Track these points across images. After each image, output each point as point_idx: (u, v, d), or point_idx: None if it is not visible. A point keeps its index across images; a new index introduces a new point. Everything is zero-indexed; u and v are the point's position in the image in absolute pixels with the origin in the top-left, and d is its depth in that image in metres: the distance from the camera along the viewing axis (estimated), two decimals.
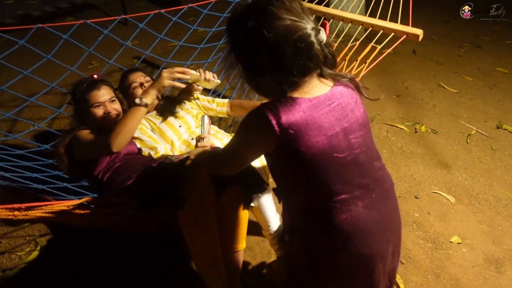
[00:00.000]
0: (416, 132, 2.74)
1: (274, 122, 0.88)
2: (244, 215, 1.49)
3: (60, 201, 1.21)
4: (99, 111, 1.69)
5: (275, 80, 0.91)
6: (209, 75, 1.74)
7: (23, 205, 1.15)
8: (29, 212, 1.18)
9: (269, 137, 0.89)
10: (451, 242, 1.89)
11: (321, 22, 0.94)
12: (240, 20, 0.92)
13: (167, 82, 1.53)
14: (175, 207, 1.22)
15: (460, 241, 1.90)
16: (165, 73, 1.55)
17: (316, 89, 0.94)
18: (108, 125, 1.65)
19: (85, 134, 1.60)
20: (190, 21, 2.57)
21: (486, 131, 2.78)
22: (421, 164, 2.42)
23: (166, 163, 1.29)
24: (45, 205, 1.18)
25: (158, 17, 2.15)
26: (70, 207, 1.23)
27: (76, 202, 1.17)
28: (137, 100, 1.47)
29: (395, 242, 1.09)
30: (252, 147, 0.97)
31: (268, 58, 0.89)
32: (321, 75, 0.97)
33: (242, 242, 1.51)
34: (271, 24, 0.86)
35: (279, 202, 1.16)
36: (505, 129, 2.80)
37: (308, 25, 0.88)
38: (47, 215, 1.23)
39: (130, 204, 1.26)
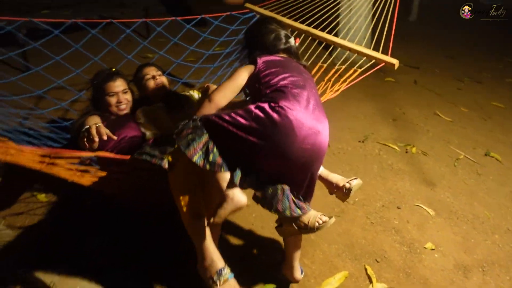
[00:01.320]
0: (407, 152, 2.93)
1: (259, 59, 1.54)
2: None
3: (79, 151, 1.43)
4: (112, 100, 1.99)
5: (263, 52, 1.64)
6: None
7: (52, 152, 1.34)
8: (55, 160, 1.36)
9: (253, 68, 1.53)
10: (425, 248, 2.05)
11: (294, 34, 1.79)
12: (253, 23, 1.94)
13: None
14: (169, 166, 1.45)
15: (433, 248, 2.05)
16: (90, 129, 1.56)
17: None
18: (116, 113, 2.01)
19: (88, 120, 1.86)
20: (203, 31, 2.89)
21: (474, 157, 2.95)
22: (408, 181, 2.60)
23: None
24: (68, 152, 1.37)
25: (174, 27, 2.54)
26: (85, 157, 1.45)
27: (92, 154, 1.40)
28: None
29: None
30: (241, 76, 1.54)
31: (262, 40, 1.67)
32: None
33: None
34: (266, 25, 1.72)
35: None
36: (492, 157, 2.97)
37: (282, 32, 1.70)
38: (69, 166, 1.43)
39: (136, 164, 1.50)
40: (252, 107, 1.37)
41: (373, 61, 2.24)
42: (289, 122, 1.33)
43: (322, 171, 1.79)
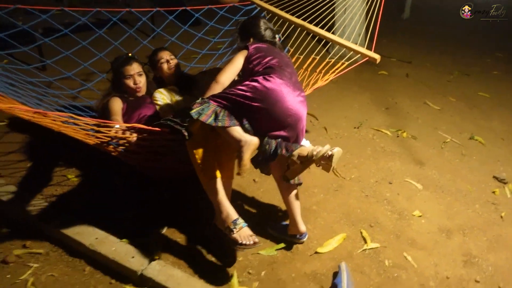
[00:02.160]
0: (398, 137, 3.22)
1: (250, 46, 1.94)
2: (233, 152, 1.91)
3: (110, 121, 1.75)
4: (129, 82, 2.31)
5: (254, 40, 2.08)
6: None
7: (100, 122, 1.65)
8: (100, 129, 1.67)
9: (246, 53, 1.92)
10: (413, 215, 2.33)
11: (281, 34, 2.41)
12: (248, 18, 2.25)
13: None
14: (188, 135, 1.70)
15: (420, 215, 2.33)
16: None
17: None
18: (133, 93, 2.33)
19: (112, 104, 2.21)
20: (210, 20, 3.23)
21: (459, 140, 3.24)
22: (398, 161, 2.89)
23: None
24: (110, 122, 1.68)
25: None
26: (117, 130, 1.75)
27: (127, 124, 1.70)
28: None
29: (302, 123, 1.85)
30: (239, 60, 1.92)
31: (253, 31, 2.11)
32: None
33: (232, 173, 1.95)
34: (259, 20, 2.15)
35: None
36: (476, 140, 3.26)
37: (270, 28, 2.14)
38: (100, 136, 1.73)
39: (159, 135, 1.79)
40: (248, 81, 1.74)
41: (359, 55, 2.54)
42: (279, 88, 1.70)
43: (309, 146, 2.05)
